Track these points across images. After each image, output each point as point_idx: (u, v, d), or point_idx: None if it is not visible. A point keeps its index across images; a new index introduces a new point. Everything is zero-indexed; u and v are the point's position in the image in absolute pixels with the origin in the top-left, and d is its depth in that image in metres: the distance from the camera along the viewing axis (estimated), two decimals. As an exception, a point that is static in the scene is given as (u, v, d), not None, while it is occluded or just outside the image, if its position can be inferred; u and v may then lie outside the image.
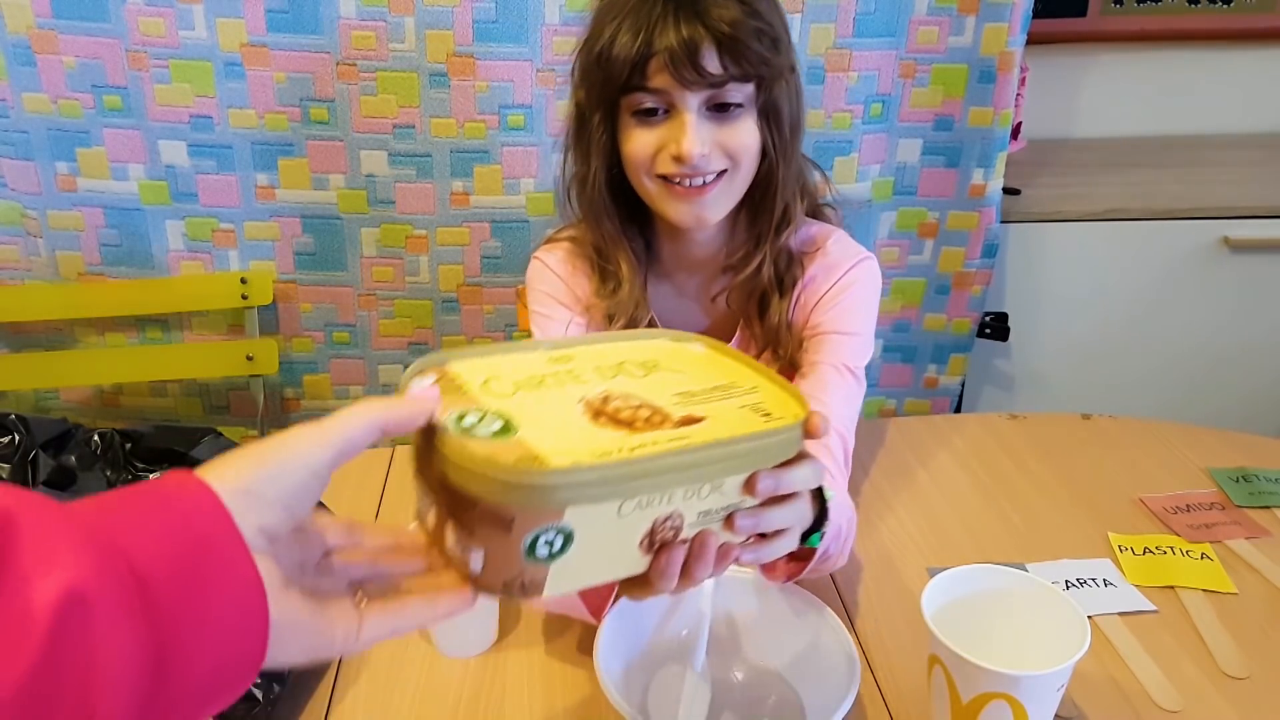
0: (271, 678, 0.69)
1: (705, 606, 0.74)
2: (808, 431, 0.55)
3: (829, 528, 0.66)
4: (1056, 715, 0.68)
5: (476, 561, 0.50)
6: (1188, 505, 0.99)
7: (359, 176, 1.60)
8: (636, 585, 0.56)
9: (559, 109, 1.56)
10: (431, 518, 0.52)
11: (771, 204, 0.92)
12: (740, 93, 0.85)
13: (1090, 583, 0.87)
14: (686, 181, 0.86)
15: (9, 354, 1.71)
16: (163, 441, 0.84)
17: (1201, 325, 1.85)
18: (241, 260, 1.65)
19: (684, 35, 0.81)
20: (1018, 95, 1.70)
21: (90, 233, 1.61)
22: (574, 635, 0.82)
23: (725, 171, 0.87)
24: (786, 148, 0.90)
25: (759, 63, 0.84)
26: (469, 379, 0.56)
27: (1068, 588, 0.86)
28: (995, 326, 1.80)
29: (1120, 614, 0.84)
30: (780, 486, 0.56)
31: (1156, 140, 2.07)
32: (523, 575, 0.50)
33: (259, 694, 0.68)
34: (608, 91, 0.86)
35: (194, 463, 0.78)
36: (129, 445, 0.84)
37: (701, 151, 0.84)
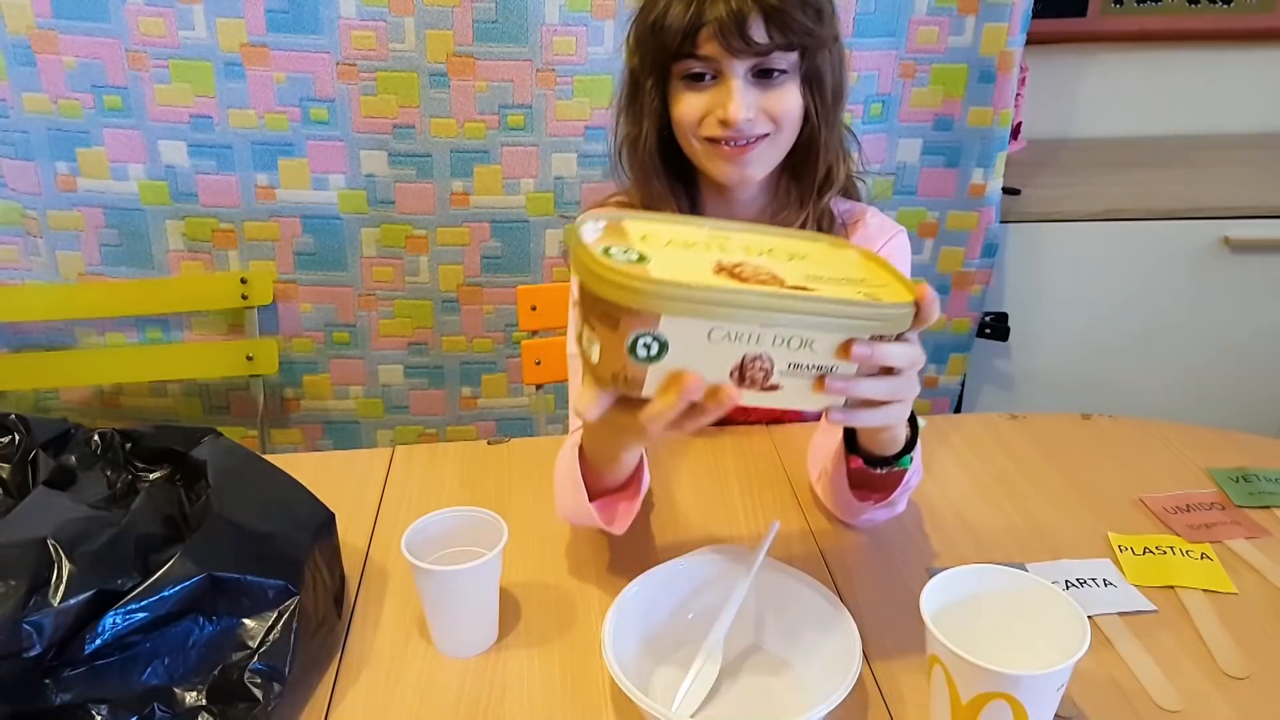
0: (272, 678, 0.69)
1: (741, 588, 0.77)
2: (919, 315, 0.63)
3: (917, 452, 0.76)
4: (1056, 715, 0.68)
5: (595, 353, 0.61)
6: (1188, 505, 0.99)
7: (359, 176, 1.60)
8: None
9: (559, 109, 1.56)
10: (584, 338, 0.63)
11: (814, 166, 0.98)
12: (785, 60, 0.91)
13: (1090, 583, 0.87)
14: (731, 143, 0.93)
15: (9, 354, 1.71)
16: (163, 442, 0.84)
17: (1201, 325, 1.85)
18: (241, 260, 1.65)
19: (733, 6, 0.87)
20: (1017, 95, 1.71)
21: (90, 233, 1.61)
22: (574, 635, 0.82)
23: (768, 134, 0.94)
24: (829, 113, 0.96)
25: (803, 33, 0.89)
26: (632, 230, 0.65)
27: (1068, 588, 0.86)
28: (995, 326, 1.79)
29: (1120, 614, 0.83)
30: (875, 356, 0.62)
31: (1156, 140, 2.07)
32: (626, 370, 0.60)
33: (259, 694, 0.68)
34: (660, 58, 0.92)
35: (194, 463, 0.79)
36: (129, 445, 0.84)
37: (746, 116, 0.90)
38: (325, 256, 1.66)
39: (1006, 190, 1.71)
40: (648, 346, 0.59)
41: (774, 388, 0.62)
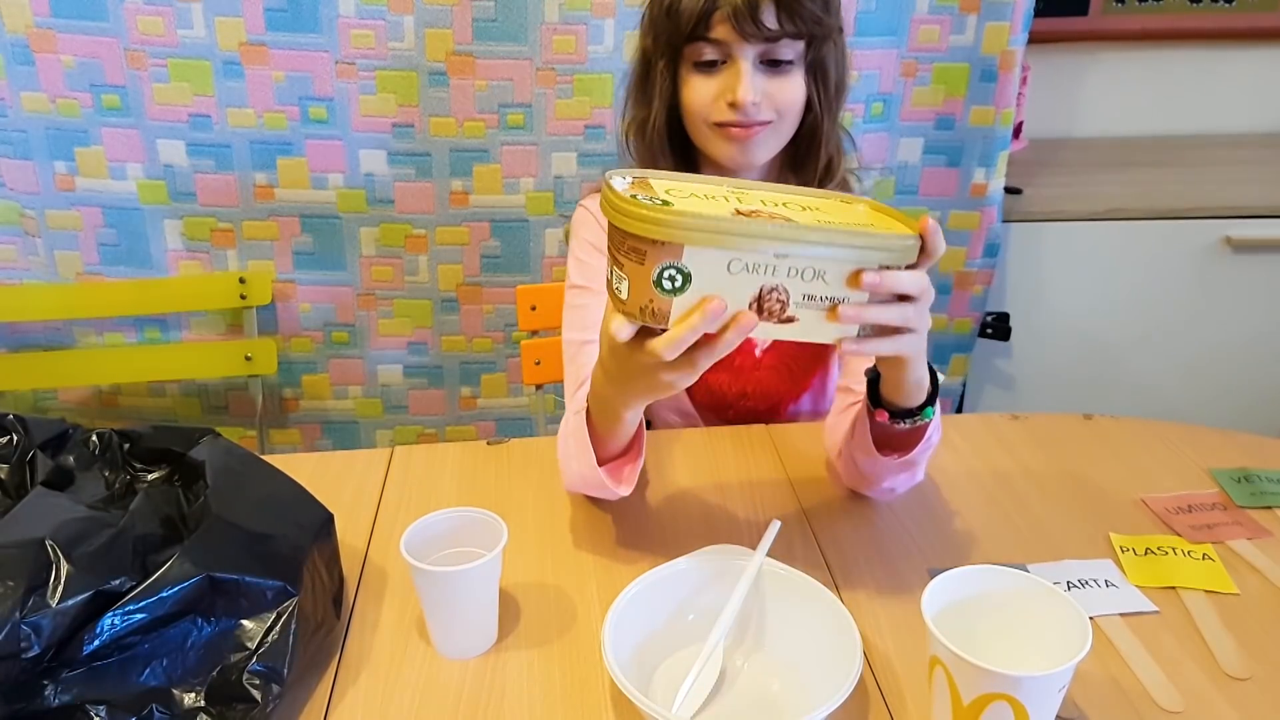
0: (271, 678, 0.69)
1: (741, 588, 0.77)
2: (924, 249, 0.68)
3: (938, 408, 0.82)
4: (1058, 716, 0.67)
5: (624, 290, 0.66)
6: (1189, 506, 0.98)
7: (358, 176, 1.59)
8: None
9: (559, 108, 1.56)
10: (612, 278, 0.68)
11: (816, 155, 1.02)
12: (792, 50, 0.95)
13: (1091, 583, 0.87)
14: (737, 126, 0.96)
15: (7, 354, 1.71)
16: (161, 442, 0.83)
17: (1202, 325, 1.85)
18: (240, 260, 1.65)
19: None
20: (1019, 94, 1.70)
21: (88, 232, 1.61)
22: (574, 635, 0.82)
23: (771, 122, 0.97)
24: (831, 104, 1.00)
25: (812, 21, 0.93)
26: (656, 185, 0.70)
27: (1069, 588, 0.86)
28: (996, 326, 1.79)
29: (1122, 615, 0.83)
30: (884, 284, 0.66)
31: (1157, 140, 2.07)
32: (653, 303, 0.66)
33: (258, 694, 0.68)
34: (673, 40, 0.95)
35: (192, 464, 0.79)
36: (127, 445, 0.84)
37: (754, 100, 0.94)
38: (324, 256, 1.65)
39: (1008, 190, 1.71)
40: (672, 279, 0.64)
41: (790, 319, 0.67)
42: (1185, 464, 1.06)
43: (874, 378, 0.86)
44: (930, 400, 0.84)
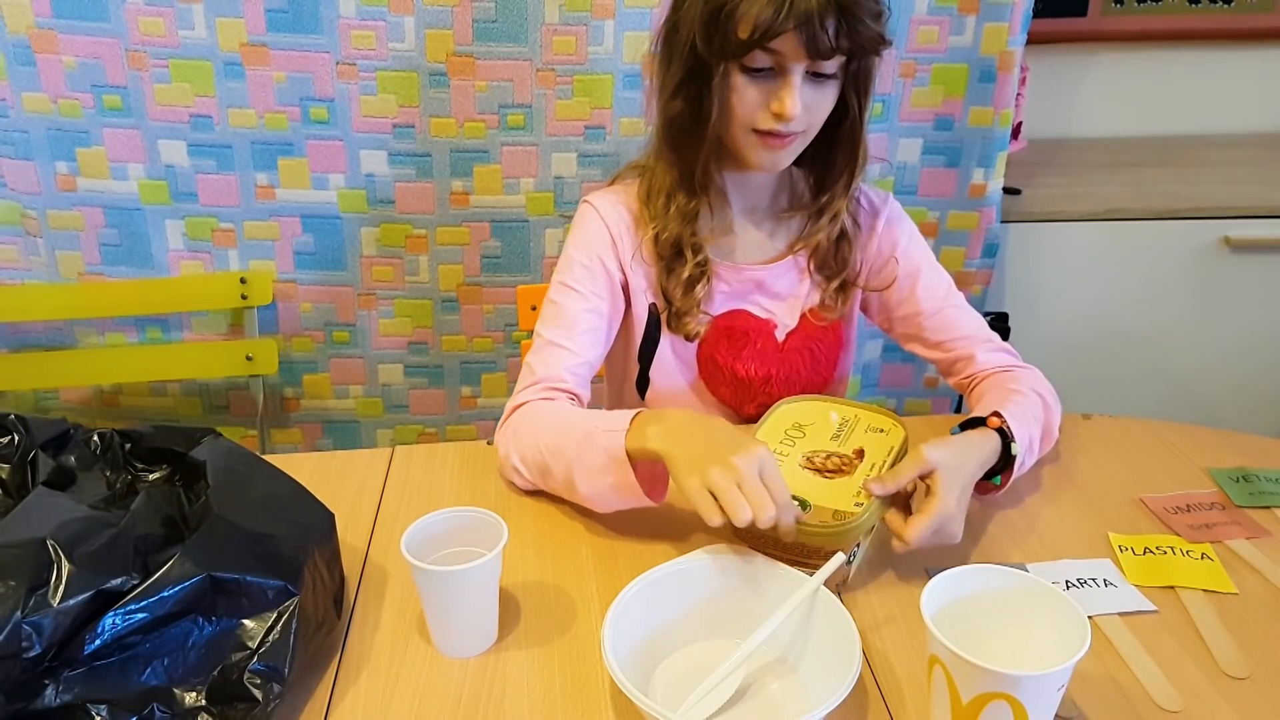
0: (271, 678, 0.69)
1: (780, 615, 0.76)
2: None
3: (1014, 467, 0.94)
4: (1057, 715, 0.68)
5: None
6: (1188, 505, 0.99)
7: (359, 176, 1.60)
8: None
9: (559, 109, 1.56)
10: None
11: (853, 158, 1.05)
12: (836, 63, 0.95)
13: (1090, 583, 0.87)
14: (778, 133, 0.97)
15: (9, 354, 1.71)
16: (162, 442, 0.83)
17: (1201, 325, 1.85)
18: (241, 260, 1.65)
19: (815, 9, 0.89)
20: (1018, 95, 1.70)
21: (90, 232, 1.61)
22: (574, 635, 0.82)
23: (804, 131, 0.99)
24: (867, 108, 1.02)
25: (870, 40, 0.94)
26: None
27: (1068, 588, 0.86)
28: (995, 326, 1.77)
29: (1121, 614, 0.83)
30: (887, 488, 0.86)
31: (1156, 140, 2.07)
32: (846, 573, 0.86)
33: (258, 694, 0.68)
34: (733, 48, 0.93)
35: (194, 464, 0.79)
36: (128, 445, 0.84)
37: (800, 114, 0.95)
38: (325, 256, 1.65)
39: (1007, 190, 1.71)
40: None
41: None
42: (1184, 464, 1.06)
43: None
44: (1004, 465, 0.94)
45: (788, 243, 1.12)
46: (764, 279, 1.12)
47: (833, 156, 1.05)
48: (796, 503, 0.83)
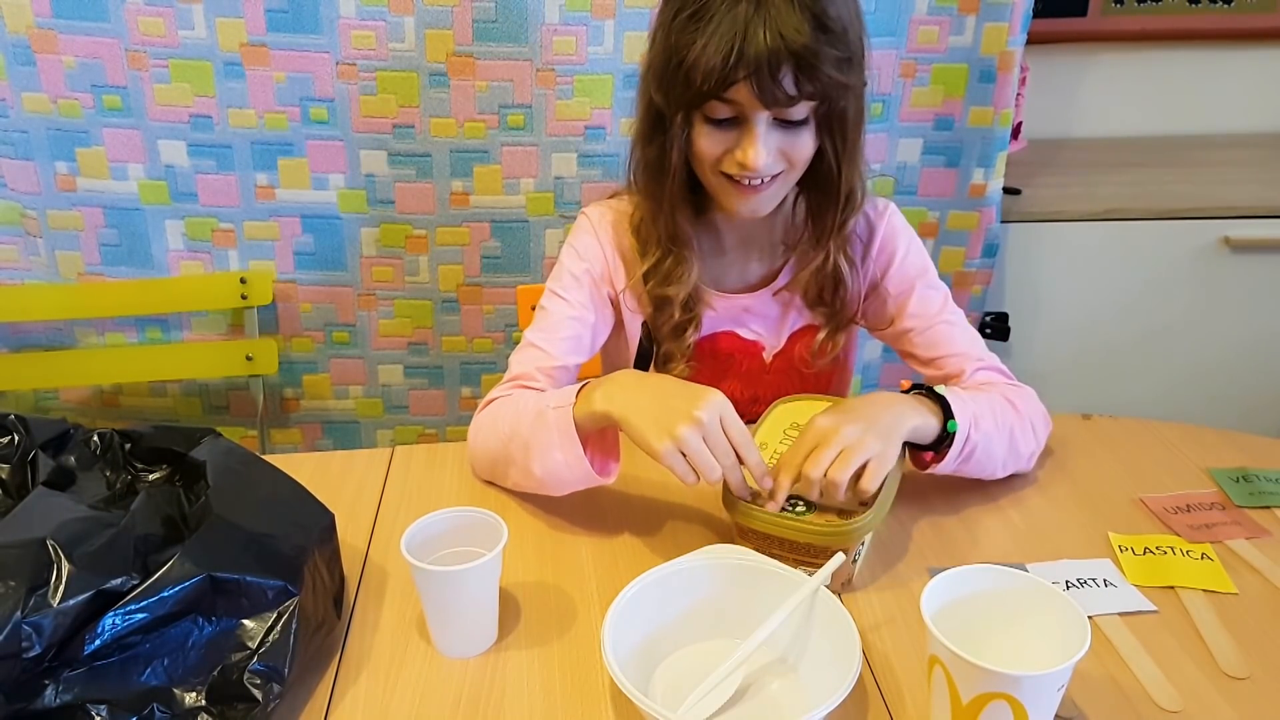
0: (271, 678, 0.69)
1: (780, 614, 0.76)
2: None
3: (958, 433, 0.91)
4: (1057, 715, 0.68)
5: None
6: (1188, 505, 0.98)
7: (359, 176, 1.60)
8: None
9: (559, 109, 1.56)
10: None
11: (834, 200, 1.01)
12: (805, 108, 0.92)
13: (1090, 583, 0.87)
14: (747, 180, 0.95)
15: (9, 354, 1.71)
16: (162, 442, 0.83)
17: (1201, 325, 1.85)
18: (241, 260, 1.65)
19: (767, 59, 0.86)
20: (1018, 95, 1.71)
21: (90, 232, 1.61)
22: (574, 635, 0.82)
23: (781, 173, 0.96)
24: (849, 148, 0.98)
25: (830, 85, 0.90)
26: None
27: (1068, 588, 0.86)
28: (995, 326, 1.79)
29: (1120, 614, 0.83)
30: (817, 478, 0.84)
31: (1156, 140, 2.07)
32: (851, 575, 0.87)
33: (258, 694, 0.68)
34: (689, 99, 0.92)
35: (194, 464, 0.79)
36: (128, 445, 0.84)
37: (766, 162, 0.93)
38: (325, 256, 1.65)
39: (1007, 190, 1.71)
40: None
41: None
42: (1184, 464, 1.06)
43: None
44: (947, 433, 0.92)
45: (779, 271, 1.10)
46: (753, 305, 1.11)
47: (819, 198, 1.02)
48: (801, 504, 0.84)
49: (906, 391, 0.96)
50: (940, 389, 0.94)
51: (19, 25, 1.47)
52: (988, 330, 1.79)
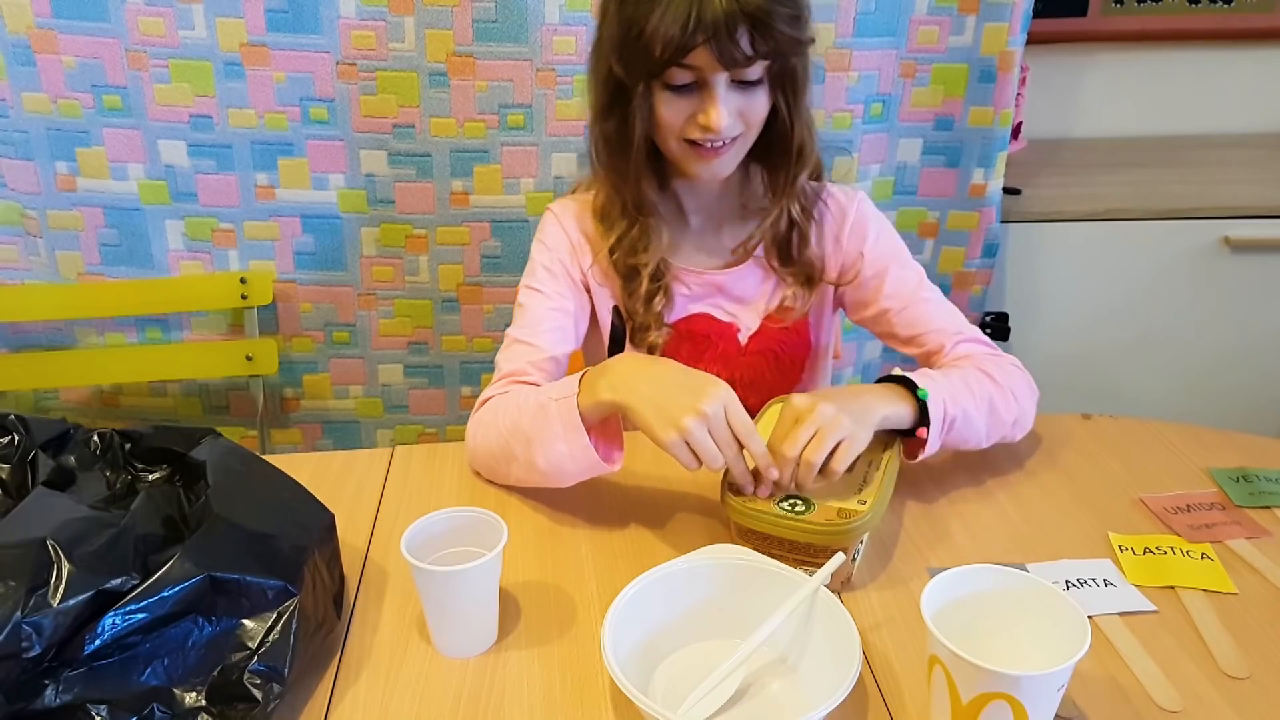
0: (271, 678, 0.69)
1: (781, 614, 0.76)
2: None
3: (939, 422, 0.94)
4: (1057, 715, 0.68)
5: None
6: (1188, 505, 0.98)
7: (359, 176, 1.60)
8: None
9: (559, 109, 1.56)
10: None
11: (788, 156, 1.04)
12: (760, 68, 0.95)
13: (1090, 583, 0.87)
14: (709, 144, 0.98)
15: (9, 354, 1.71)
16: (162, 442, 0.83)
17: (1201, 325, 1.85)
18: (241, 260, 1.65)
19: (723, 21, 0.89)
20: (1018, 95, 1.70)
21: (90, 232, 1.61)
22: (574, 635, 0.82)
23: (740, 136, 0.99)
24: (799, 104, 1.01)
25: (785, 42, 0.93)
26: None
27: (1068, 588, 0.86)
28: (995, 326, 1.79)
29: (1120, 614, 0.83)
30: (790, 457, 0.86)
31: (1156, 140, 2.07)
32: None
33: (258, 694, 0.68)
34: (649, 67, 0.94)
35: (194, 464, 0.79)
36: (128, 445, 0.84)
37: (728, 123, 0.96)
38: (325, 256, 1.65)
39: (1007, 190, 1.71)
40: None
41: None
42: (1184, 464, 1.06)
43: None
44: (923, 413, 0.94)
45: (745, 245, 1.12)
46: (725, 283, 1.12)
47: (773, 157, 1.06)
48: (800, 503, 0.84)
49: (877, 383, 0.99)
50: (907, 373, 0.96)
51: (19, 25, 1.47)
52: (988, 330, 1.79)
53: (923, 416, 0.94)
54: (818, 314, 1.16)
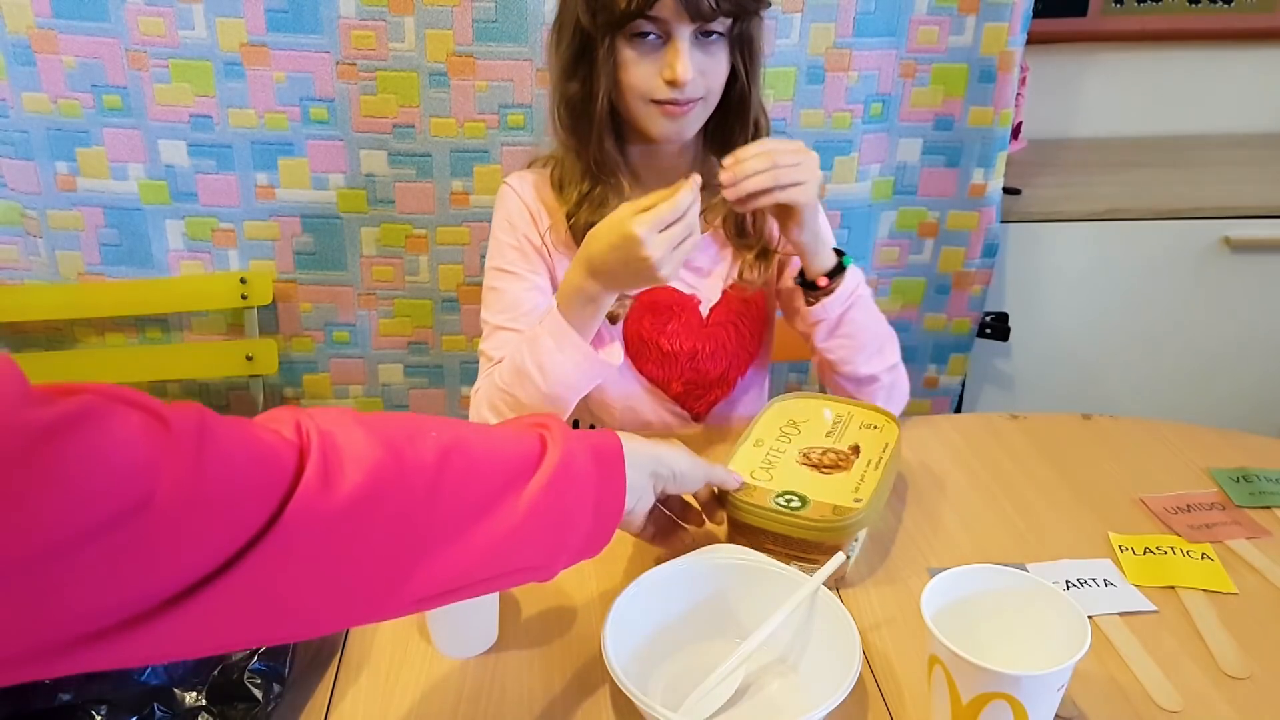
0: (271, 678, 0.69)
1: (781, 614, 0.76)
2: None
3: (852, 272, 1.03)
4: (1057, 715, 0.68)
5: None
6: (1188, 505, 0.99)
7: (359, 176, 1.60)
8: None
9: (559, 109, 1.56)
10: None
11: (745, 122, 1.06)
12: (722, 24, 0.98)
13: (1090, 583, 0.87)
14: (674, 100, 0.99)
15: (9, 354, 1.70)
16: (162, 441, 0.83)
17: (1201, 325, 1.85)
18: (241, 260, 1.65)
19: None
20: (1018, 95, 1.70)
21: (90, 232, 1.61)
22: (574, 635, 0.82)
23: (702, 98, 1.01)
24: (756, 72, 1.04)
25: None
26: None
27: (1068, 588, 0.86)
28: (995, 326, 1.79)
29: (1121, 614, 0.83)
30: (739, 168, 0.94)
31: (1156, 140, 2.07)
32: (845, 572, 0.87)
33: (259, 694, 0.68)
34: (616, 18, 0.96)
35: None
36: (128, 445, 0.84)
37: (692, 75, 0.97)
38: (325, 256, 1.65)
39: (1007, 190, 1.71)
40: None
41: None
42: (1184, 464, 1.06)
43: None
44: (841, 266, 1.03)
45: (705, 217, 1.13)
46: None
47: (729, 126, 1.06)
48: (796, 498, 0.84)
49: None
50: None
51: (19, 25, 1.47)
52: (988, 330, 1.79)
53: (836, 276, 1.02)
54: (772, 283, 1.17)
